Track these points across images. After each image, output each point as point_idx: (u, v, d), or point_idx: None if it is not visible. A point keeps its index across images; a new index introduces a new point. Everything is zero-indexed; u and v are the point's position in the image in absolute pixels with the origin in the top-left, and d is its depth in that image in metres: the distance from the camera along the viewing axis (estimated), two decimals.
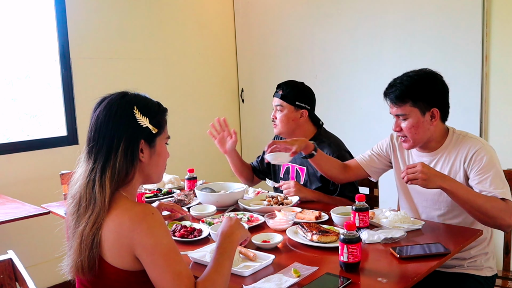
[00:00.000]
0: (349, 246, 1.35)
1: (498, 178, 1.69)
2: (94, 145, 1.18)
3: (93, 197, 1.14)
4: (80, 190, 1.17)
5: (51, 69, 3.23)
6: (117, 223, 1.12)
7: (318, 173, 2.20)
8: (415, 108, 1.75)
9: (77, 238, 1.14)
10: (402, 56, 3.32)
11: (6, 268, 1.13)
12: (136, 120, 1.19)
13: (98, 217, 1.12)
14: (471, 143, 1.76)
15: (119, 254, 1.13)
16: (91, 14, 3.36)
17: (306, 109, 2.25)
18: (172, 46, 3.91)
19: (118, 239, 1.12)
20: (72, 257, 1.15)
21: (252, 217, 1.89)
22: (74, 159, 3.37)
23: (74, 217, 1.17)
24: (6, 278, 1.14)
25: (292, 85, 2.27)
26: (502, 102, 2.94)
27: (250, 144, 4.50)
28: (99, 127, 1.18)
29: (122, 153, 1.17)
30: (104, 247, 1.13)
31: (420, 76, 1.77)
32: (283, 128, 2.25)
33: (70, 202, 1.20)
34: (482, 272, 1.78)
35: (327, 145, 2.22)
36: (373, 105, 3.50)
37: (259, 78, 4.29)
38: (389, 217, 1.75)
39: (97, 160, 1.17)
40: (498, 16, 2.91)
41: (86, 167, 1.19)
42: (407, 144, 1.82)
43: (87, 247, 1.11)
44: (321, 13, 3.76)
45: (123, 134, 1.17)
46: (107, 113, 1.18)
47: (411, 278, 1.32)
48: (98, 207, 1.13)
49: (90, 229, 1.11)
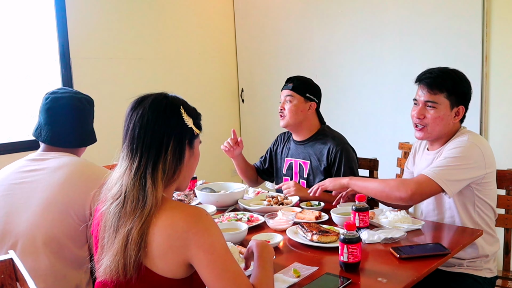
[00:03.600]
0: (349, 246, 1.35)
1: (448, 164, 1.69)
2: (140, 143, 1.14)
3: (142, 195, 1.10)
4: (126, 189, 1.12)
5: (51, 69, 3.22)
6: (168, 224, 1.08)
7: (321, 166, 2.24)
8: (447, 100, 1.78)
9: (121, 239, 1.08)
10: (402, 56, 3.32)
11: (7, 268, 1.13)
12: (183, 119, 1.18)
13: (148, 215, 1.08)
14: (461, 136, 1.80)
15: (165, 257, 1.08)
16: (91, 14, 3.36)
17: (315, 102, 2.30)
18: (172, 46, 3.91)
19: (167, 241, 1.07)
20: (111, 258, 1.09)
21: (252, 217, 1.89)
22: None
23: (116, 217, 1.12)
24: (7, 278, 1.14)
25: (302, 79, 2.34)
26: (502, 102, 2.94)
27: (250, 144, 4.50)
28: (146, 124, 1.14)
29: (172, 152, 1.15)
30: (147, 249, 1.08)
31: (459, 73, 1.84)
32: (291, 119, 2.28)
33: (110, 202, 1.14)
34: (481, 272, 1.78)
35: (331, 139, 2.25)
36: (373, 105, 3.50)
37: (259, 78, 4.30)
38: (389, 217, 1.75)
39: (145, 158, 1.13)
40: (498, 16, 2.91)
41: (130, 165, 1.14)
42: (422, 133, 1.84)
43: (135, 246, 1.06)
44: (321, 13, 3.76)
45: (172, 133, 1.15)
46: (155, 111, 1.16)
47: (411, 278, 1.32)
48: (149, 205, 1.09)
49: (139, 228, 1.07)
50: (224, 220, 1.83)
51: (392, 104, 3.38)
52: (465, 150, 1.72)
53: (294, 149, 2.37)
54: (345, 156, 2.20)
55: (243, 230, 1.65)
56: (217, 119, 4.30)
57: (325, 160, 2.22)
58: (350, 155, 2.23)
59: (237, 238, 1.62)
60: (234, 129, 2.46)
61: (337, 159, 2.20)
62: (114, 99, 3.50)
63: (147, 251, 1.07)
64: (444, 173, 1.68)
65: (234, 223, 1.76)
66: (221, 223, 1.78)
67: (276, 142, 2.54)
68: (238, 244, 1.58)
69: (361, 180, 1.88)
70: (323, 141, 2.27)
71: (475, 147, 1.73)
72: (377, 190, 1.77)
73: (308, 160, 2.30)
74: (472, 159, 1.71)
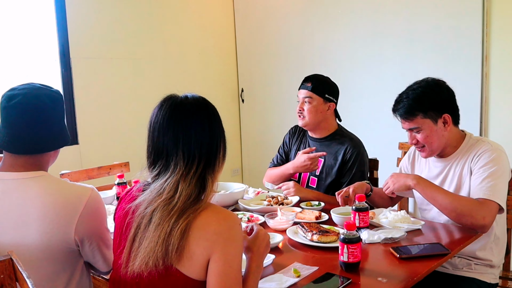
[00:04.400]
0: (349, 246, 1.35)
1: (495, 178, 1.68)
2: (197, 147, 1.16)
3: (195, 193, 1.13)
4: (181, 191, 1.12)
5: (51, 69, 3.22)
6: (202, 224, 1.09)
7: (336, 166, 2.24)
8: (426, 119, 1.76)
9: (160, 234, 1.08)
10: (402, 57, 3.33)
11: (6, 268, 1.13)
12: (221, 122, 1.23)
13: (196, 211, 1.10)
14: (482, 145, 1.77)
15: (192, 256, 1.08)
16: (91, 14, 3.36)
17: (334, 102, 2.29)
18: (172, 46, 3.91)
19: (197, 241, 1.08)
20: (145, 254, 1.08)
21: (252, 217, 1.89)
22: (74, 159, 3.36)
23: (159, 216, 1.10)
24: (7, 278, 1.13)
25: (321, 79, 2.31)
26: (502, 102, 2.94)
27: (250, 144, 4.50)
28: (202, 130, 1.17)
29: (223, 151, 1.21)
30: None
31: (424, 87, 1.79)
32: (310, 120, 2.27)
33: (157, 205, 1.12)
34: (485, 277, 1.78)
35: (349, 140, 2.26)
36: (373, 105, 3.51)
37: (259, 78, 4.30)
38: (389, 217, 1.75)
39: (204, 161, 1.16)
40: (498, 16, 2.91)
41: (186, 170, 1.14)
42: (425, 153, 1.83)
43: (175, 242, 1.06)
44: (321, 13, 3.76)
45: (221, 135, 1.21)
46: (205, 117, 1.20)
47: (411, 278, 1.32)
48: (205, 198, 1.14)
49: (180, 224, 1.08)
50: None
51: (392, 104, 3.38)
52: (498, 161, 1.71)
53: (311, 145, 2.36)
54: (359, 160, 2.21)
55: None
56: None
57: (341, 160, 2.23)
58: (364, 159, 2.24)
59: None
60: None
61: (351, 160, 2.21)
62: (114, 99, 3.50)
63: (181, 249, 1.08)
64: (497, 190, 1.66)
65: None
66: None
67: (289, 134, 2.50)
68: None
69: (431, 187, 1.73)
70: (340, 141, 2.26)
71: (503, 154, 1.74)
72: (447, 206, 1.66)
73: (322, 158, 2.29)
74: (506, 166, 1.73)
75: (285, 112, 4.06)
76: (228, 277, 1.08)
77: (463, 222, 1.66)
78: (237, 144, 4.55)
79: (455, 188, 1.80)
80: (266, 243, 1.27)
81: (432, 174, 1.89)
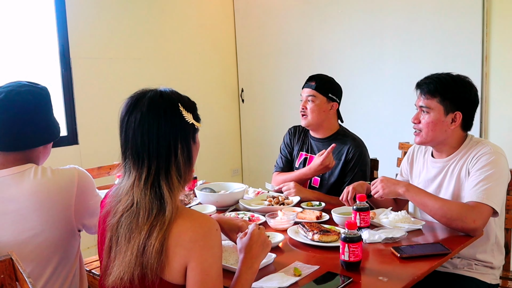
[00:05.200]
0: (350, 245, 1.35)
1: (491, 181, 1.66)
2: (145, 151, 1.08)
3: (158, 205, 1.06)
4: (138, 200, 1.08)
5: (51, 69, 3.22)
6: (178, 231, 1.06)
7: (338, 165, 2.24)
8: (440, 106, 1.77)
9: (135, 249, 1.05)
10: (402, 56, 3.33)
11: (6, 268, 1.13)
12: (184, 117, 1.13)
13: (169, 223, 1.05)
14: (482, 147, 1.76)
15: (171, 263, 1.06)
16: (91, 14, 3.36)
17: (337, 102, 2.31)
18: (172, 46, 3.91)
19: (174, 248, 1.05)
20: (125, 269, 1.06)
21: (253, 216, 1.89)
22: (75, 159, 3.36)
23: (128, 228, 1.08)
24: (7, 278, 1.13)
25: (325, 78, 2.33)
26: (502, 102, 2.94)
27: (250, 144, 4.50)
28: (148, 131, 1.08)
29: (182, 154, 1.11)
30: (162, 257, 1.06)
31: (457, 79, 1.80)
32: (313, 119, 2.27)
33: (121, 214, 1.10)
34: (484, 277, 1.78)
35: (351, 139, 2.27)
36: (373, 105, 3.51)
37: (259, 78, 4.30)
38: (389, 217, 1.75)
39: (154, 166, 1.08)
40: (498, 16, 2.91)
41: (138, 175, 1.09)
42: (418, 138, 1.83)
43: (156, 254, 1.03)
44: (321, 13, 3.76)
45: (178, 134, 1.11)
46: (155, 115, 1.09)
47: (412, 278, 1.32)
48: (169, 212, 1.05)
49: (160, 236, 1.04)
50: None
51: (392, 104, 3.38)
52: (496, 164, 1.70)
53: (313, 145, 2.37)
54: (362, 160, 2.22)
55: None
56: (217, 119, 4.30)
57: (343, 159, 2.23)
58: (366, 159, 2.25)
59: None
60: None
61: (353, 160, 2.22)
62: (114, 99, 3.49)
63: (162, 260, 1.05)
64: (491, 193, 1.65)
65: None
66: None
67: (290, 135, 2.49)
68: None
69: (420, 194, 1.72)
70: (343, 140, 2.27)
71: (502, 157, 1.73)
72: (437, 212, 1.66)
73: None
74: (504, 170, 1.72)
75: (285, 112, 4.06)
76: (205, 285, 1.06)
77: (454, 226, 1.66)
78: (237, 144, 4.55)
79: (453, 189, 1.79)
80: (260, 243, 1.25)
81: (430, 175, 1.88)
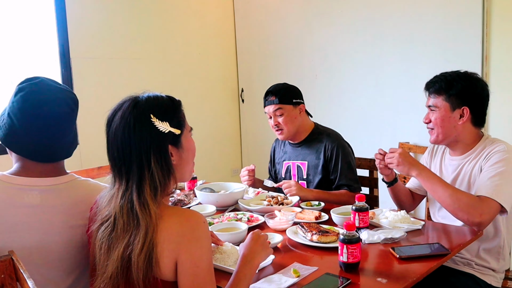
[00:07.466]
0: (348, 246, 1.35)
1: (502, 178, 1.67)
2: (122, 164, 1.09)
3: (132, 218, 1.07)
4: (115, 213, 1.09)
5: (51, 69, 3.23)
6: (165, 227, 1.07)
7: (319, 166, 2.26)
8: (446, 103, 1.79)
9: (115, 262, 1.06)
10: (402, 56, 3.32)
11: (7, 267, 1.13)
12: (156, 128, 1.10)
13: (147, 237, 1.04)
14: (497, 145, 1.77)
15: (161, 260, 1.06)
16: (91, 14, 3.36)
17: (302, 103, 2.31)
18: (172, 46, 3.91)
19: (163, 244, 1.06)
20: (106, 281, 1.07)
21: (252, 217, 1.90)
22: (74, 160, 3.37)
23: (106, 241, 1.09)
24: (7, 278, 1.14)
25: (282, 88, 2.31)
26: (502, 102, 2.94)
27: (250, 144, 4.50)
28: (121, 144, 1.09)
29: (156, 165, 1.09)
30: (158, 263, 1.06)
31: (462, 75, 1.81)
32: (289, 130, 2.28)
33: (99, 223, 1.12)
34: (485, 277, 1.78)
35: (326, 136, 2.28)
36: (373, 105, 3.50)
37: (259, 78, 4.30)
38: (389, 217, 1.75)
39: (131, 180, 1.09)
40: (498, 16, 2.91)
41: (118, 188, 1.11)
42: (432, 136, 1.85)
43: (140, 269, 1.03)
44: (321, 13, 3.76)
45: (149, 147, 1.08)
46: (125, 129, 1.08)
47: (411, 279, 1.32)
48: (144, 226, 1.05)
49: (140, 251, 1.03)
50: (224, 220, 1.83)
51: (392, 104, 3.38)
52: (509, 162, 1.70)
53: (291, 152, 2.39)
54: (341, 152, 2.23)
55: (243, 230, 1.65)
56: (217, 119, 4.30)
57: (323, 157, 2.25)
58: (346, 150, 2.26)
59: (237, 238, 1.62)
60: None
61: (334, 155, 2.23)
62: (114, 99, 3.48)
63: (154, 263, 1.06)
64: (502, 190, 1.65)
65: (234, 223, 1.77)
66: (221, 223, 1.78)
67: (273, 148, 2.56)
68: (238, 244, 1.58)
69: (433, 179, 1.73)
70: (318, 139, 2.29)
71: None
72: (446, 199, 1.68)
73: (305, 160, 2.32)
74: None
75: None
76: (196, 277, 1.07)
77: (460, 216, 1.67)
78: (237, 144, 4.56)
79: (466, 186, 1.80)
80: (260, 242, 1.27)
81: (447, 173, 1.90)
